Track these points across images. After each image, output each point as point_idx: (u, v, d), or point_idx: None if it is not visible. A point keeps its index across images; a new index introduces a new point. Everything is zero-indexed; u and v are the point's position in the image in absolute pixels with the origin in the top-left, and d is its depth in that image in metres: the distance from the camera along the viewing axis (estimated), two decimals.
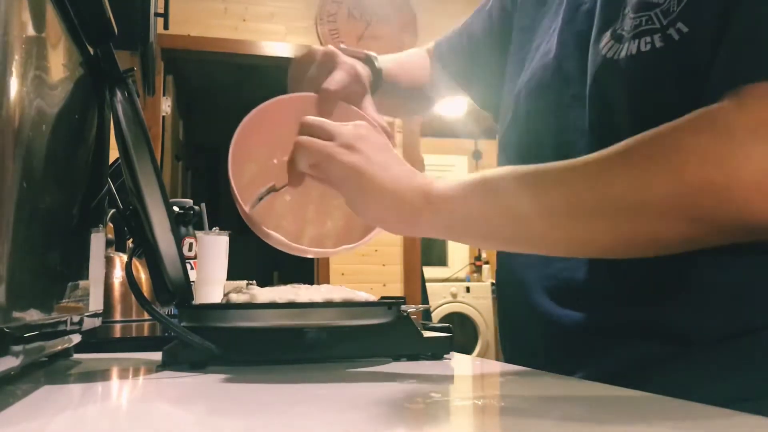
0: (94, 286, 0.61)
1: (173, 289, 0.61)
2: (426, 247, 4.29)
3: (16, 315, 0.37)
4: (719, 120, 0.49)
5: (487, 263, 5.20)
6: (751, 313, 0.55)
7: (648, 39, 0.55)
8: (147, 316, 1.10)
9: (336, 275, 3.75)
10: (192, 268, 1.19)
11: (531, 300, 0.68)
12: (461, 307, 4.54)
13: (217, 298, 1.07)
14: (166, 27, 1.60)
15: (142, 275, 1.05)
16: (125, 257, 1.18)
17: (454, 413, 0.43)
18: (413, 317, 0.68)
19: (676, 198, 0.48)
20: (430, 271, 4.54)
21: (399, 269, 3.89)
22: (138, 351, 0.75)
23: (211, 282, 1.12)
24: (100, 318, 0.67)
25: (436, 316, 4.38)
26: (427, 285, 4.22)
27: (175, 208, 1.24)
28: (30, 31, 0.40)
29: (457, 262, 5.26)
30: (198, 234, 1.19)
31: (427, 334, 0.68)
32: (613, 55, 0.58)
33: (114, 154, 0.65)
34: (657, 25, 0.55)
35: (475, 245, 0.58)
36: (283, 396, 0.48)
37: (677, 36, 0.54)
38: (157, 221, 0.58)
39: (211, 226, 1.26)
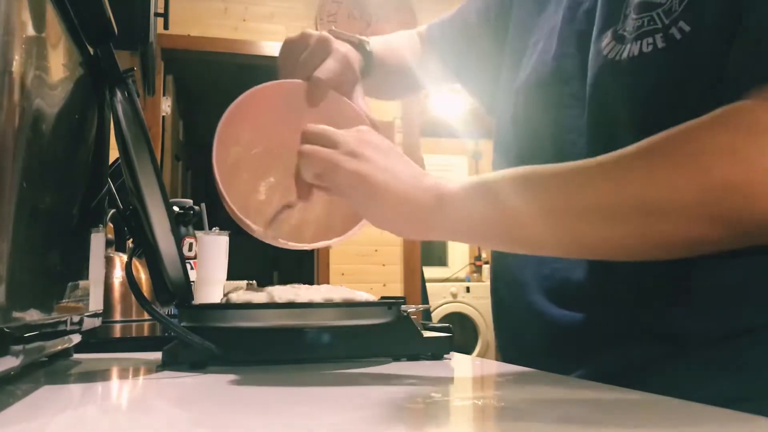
0: (94, 286, 0.61)
1: (173, 289, 0.61)
2: (426, 247, 4.29)
3: (16, 315, 0.37)
4: (744, 118, 0.47)
5: (487, 263, 5.20)
6: (750, 314, 0.55)
7: (650, 40, 0.55)
8: (147, 316, 1.10)
9: (336, 275, 3.74)
10: (192, 268, 1.19)
11: (527, 300, 0.67)
12: (461, 307, 4.54)
13: (217, 298, 1.07)
14: (166, 27, 1.60)
15: (142, 275, 1.05)
16: (125, 257, 1.18)
17: (454, 413, 0.43)
18: (413, 317, 0.68)
19: (700, 198, 0.47)
20: (430, 271, 4.54)
21: (399, 269, 3.89)
22: (138, 351, 0.75)
23: (211, 282, 1.12)
24: (100, 318, 0.67)
25: (436, 316, 4.38)
26: (427, 285, 4.22)
27: (175, 208, 1.24)
28: (30, 31, 0.40)
29: (457, 262, 5.27)
30: (198, 234, 1.19)
31: (427, 334, 0.68)
32: (615, 56, 0.58)
33: (114, 154, 0.65)
34: (659, 25, 0.55)
35: (490, 247, 0.56)
36: (283, 396, 0.48)
37: (679, 35, 0.53)
38: (157, 221, 0.58)
39: (211, 226, 1.26)
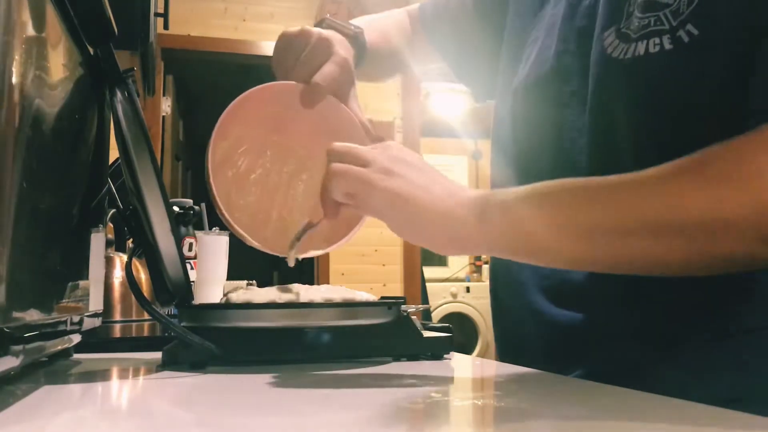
0: (94, 286, 0.61)
1: (173, 289, 0.61)
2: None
3: (16, 315, 0.37)
4: None
5: (487, 263, 5.17)
6: (748, 314, 0.55)
7: (657, 40, 0.54)
8: (147, 316, 1.10)
9: (336, 275, 3.75)
10: (192, 268, 1.19)
11: (527, 299, 0.67)
12: (461, 307, 4.54)
13: (217, 298, 1.07)
14: (166, 27, 1.60)
15: (142, 275, 1.05)
16: (125, 257, 1.18)
17: (454, 413, 0.43)
18: (413, 317, 0.68)
19: (751, 217, 0.47)
20: (430, 271, 4.54)
21: (399, 269, 3.89)
22: (138, 351, 0.75)
23: (211, 282, 1.12)
24: (100, 318, 0.67)
25: (436, 316, 4.38)
26: (427, 285, 4.22)
27: (175, 208, 1.24)
28: (30, 31, 0.40)
29: (457, 262, 5.26)
30: (198, 234, 1.19)
31: (427, 334, 0.68)
32: (619, 55, 0.57)
33: (114, 154, 0.65)
34: (666, 26, 0.54)
35: (531, 262, 0.56)
36: (283, 396, 0.48)
37: (687, 38, 0.52)
38: (157, 221, 0.58)
39: (211, 226, 1.26)
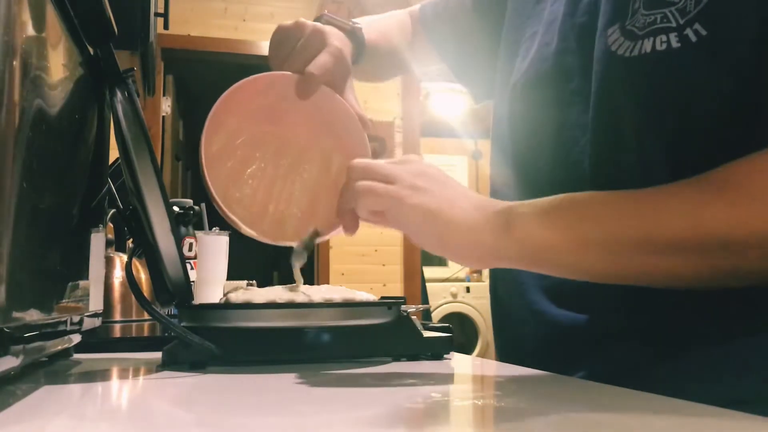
0: (94, 286, 0.61)
1: (173, 289, 0.61)
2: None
3: (16, 315, 0.37)
4: None
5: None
6: (748, 316, 0.54)
7: (663, 38, 0.53)
8: (147, 316, 1.10)
9: (336, 275, 3.75)
10: (192, 268, 1.19)
11: (527, 299, 0.67)
12: (461, 307, 4.54)
13: (217, 298, 1.07)
14: (166, 27, 1.60)
15: (142, 275, 1.05)
16: (125, 257, 1.18)
17: (454, 413, 0.43)
18: (413, 317, 0.68)
19: None
20: (430, 271, 4.54)
21: (399, 269, 3.89)
22: (138, 351, 0.76)
23: (211, 282, 1.12)
24: (100, 318, 0.67)
25: (436, 316, 4.38)
26: (427, 285, 4.22)
27: (175, 208, 1.24)
28: (30, 31, 0.40)
29: None
30: (198, 234, 1.19)
31: (427, 334, 0.68)
32: (624, 52, 0.56)
33: (114, 154, 0.65)
34: (673, 24, 0.53)
35: (562, 276, 0.58)
36: (283, 396, 0.48)
37: (695, 38, 0.52)
38: (157, 221, 0.58)
39: (211, 226, 1.26)
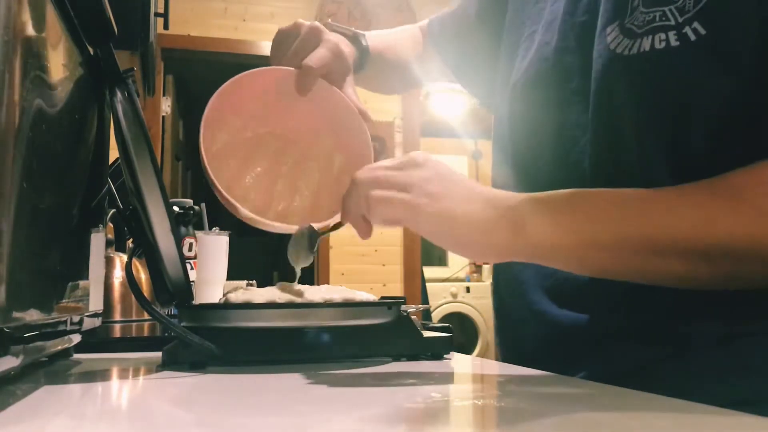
0: (94, 286, 0.61)
1: (173, 289, 0.61)
2: (426, 247, 4.29)
3: (16, 315, 0.37)
4: None
5: (487, 263, 5.19)
6: (750, 316, 0.54)
7: (662, 36, 0.54)
8: (147, 316, 1.10)
9: (336, 275, 3.74)
10: (192, 268, 1.19)
11: (528, 299, 0.67)
12: (461, 307, 4.53)
13: (217, 298, 1.07)
14: (166, 27, 1.59)
15: (142, 275, 1.05)
16: (125, 257, 1.18)
17: (454, 413, 0.43)
18: (413, 317, 0.68)
19: None
20: (430, 271, 4.53)
21: (399, 269, 3.89)
22: (138, 351, 0.76)
23: (211, 282, 1.12)
24: (100, 318, 0.67)
25: (436, 316, 4.38)
26: (427, 285, 4.22)
27: (175, 208, 1.24)
28: (30, 31, 0.40)
29: (457, 262, 5.26)
30: (198, 234, 1.19)
31: (427, 334, 0.68)
32: (623, 51, 0.56)
33: (114, 154, 0.65)
34: (672, 22, 0.53)
35: (569, 270, 0.59)
36: (283, 396, 0.48)
37: (694, 36, 0.52)
38: (157, 221, 0.58)
39: (211, 226, 1.26)
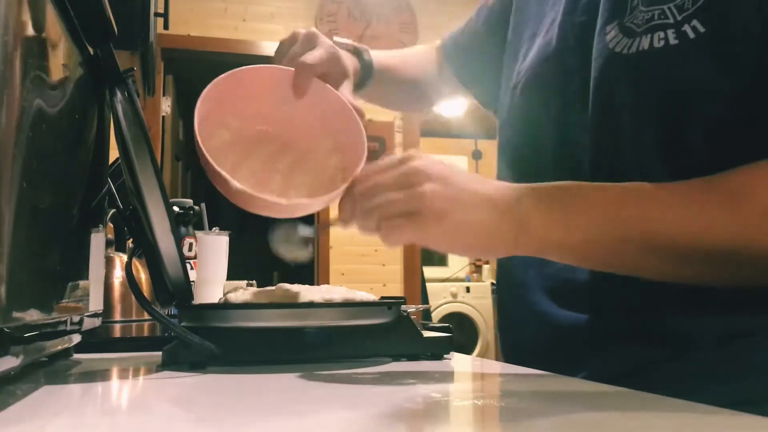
0: (94, 286, 0.61)
1: (173, 289, 0.61)
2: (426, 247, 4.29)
3: (16, 315, 0.37)
4: None
5: (487, 263, 5.19)
6: (753, 316, 0.54)
7: (662, 34, 0.54)
8: (147, 316, 1.10)
9: (336, 275, 3.74)
10: (192, 268, 1.19)
11: (530, 300, 0.67)
12: (461, 307, 4.53)
13: (217, 298, 1.07)
14: (166, 27, 1.59)
15: (142, 275, 1.05)
16: (125, 257, 1.18)
17: (454, 413, 0.43)
18: (413, 317, 0.68)
19: None
20: (430, 271, 4.53)
21: (399, 269, 3.89)
22: (138, 351, 0.76)
23: (211, 282, 1.12)
24: (100, 318, 0.67)
25: (436, 316, 4.37)
26: (427, 285, 4.22)
27: (175, 208, 1.24)
28: (30, 31, 0.40)
29: (457, 262, 5.26)
30: (198, 234, 1.19)
31: (427, 334, 0.68)
32: (622, 50, 0.56)
33: (114, 154, 0.65)
34: (671, 20, 0.53)
35: (574, 265, 0.61)
36: (283, 396, 0.48)
37: (693, 34, 0.52)
38: (157, 221, 0.58)
39: (211, 226, 1.26)
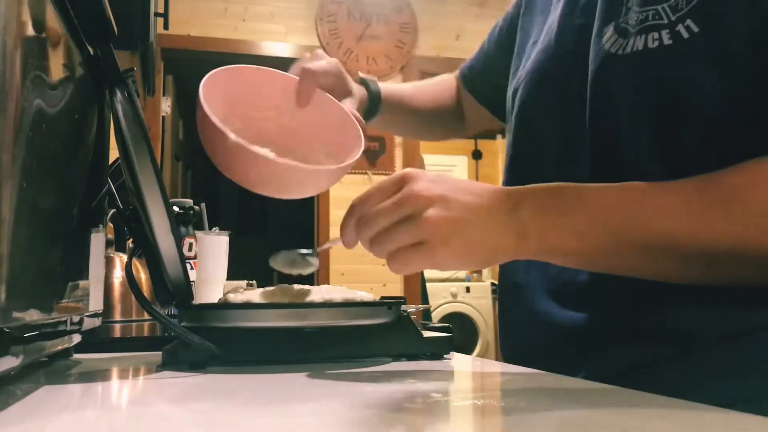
0: (94, 286, 0.61)
1: (173, 289, 0.61)
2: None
3: (16, 315, 0.37)
4: None
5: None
6: (754, 314, 0.54)
7: (656, 35, 0.54)
8: (147, 316, 1.10)
9: (336, 275, 3.74)
10: (192, 268, 1.19)
11: (531, 301, 0.67)
12: (461, 307, 4.53)
13: (217, 298, 1.07)
14: (166, 27, 1.59)
15: (142, 275, 1.05)
16: (125, 257, 1.18)
17: (454, 413, 0.43)
18: (413, 317, 0.68)
19: None
20: (430, 271, 4.53)
21: None
22: (138, 351, 0.76)
23: (211, 282, 1.12)
24: (100, 318, 0.67)
25: (436, 316, 4.37)
26: (427, 285, 4.22)
27: (175, 208, 1.24)
28: (30, 31, 0.40)
29: None
30: (198, 234, 1.19)
31: (427, 334, 0.68)
32: (618, 50, 0.57)
33: (114, 154, 0.65)
34: (665, 21, 0.54)
35: (574, 267, 0.60)
36: (283, 396, 0.48)
37: (687, 34, 0.52)
38: (157, 221, 0.58)
39: (211, 226, 1.26)
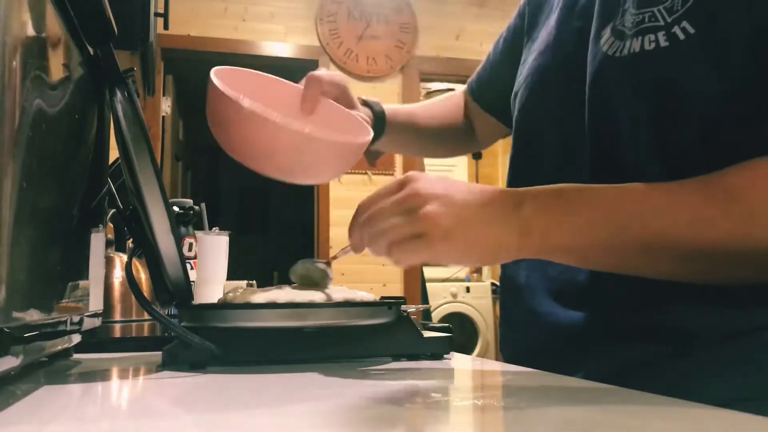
0: (94, 286, 0.61)
1: (173, 289, 0.61)
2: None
3: (16, 315, 0.37)
4: None
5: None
6: (753, 313, 0.54)
7: (652, 37, 0.54)
8: (147, 316, 1.10)
9: (336, 275, 3.73)
10: (192, 268, 1.19)
11: (532, 301, 0.67)
12: (461, 307, 4.53)
13: (217, 298, 1.07)
14: (166, 27, 1.59)
15: (142, 275, 1.05)
16: (125, 257, 1.18)
17: (454, 413, 0.43)
18: (413, 317, 0.68)
19: None
20: (430, 271, 4.53)
21: (399, 269, 3.89)
22: (138, 351, 0.76)
23: (211, 282, 1.12)
24: (100, 318, 0.67)
25: (436, 316, 4.37)
26: (427, 285, 4.22)
27: (175, 208, 1.24)
28: (30, 31, 0.40)
29: None
30: (198, 234, 1.19)
31: (427, 334, 0.68)
32: (615, 53, 0.57)
33: (114, 154, 0.65)
34: (661, 23, 0.54)
35: (575, 265, 0.61)
36: (283, 396, 0.48)
37: (683, 36, 0.52)
38: (157, 221, 0.58)
39: (211, 226, 1.26)
